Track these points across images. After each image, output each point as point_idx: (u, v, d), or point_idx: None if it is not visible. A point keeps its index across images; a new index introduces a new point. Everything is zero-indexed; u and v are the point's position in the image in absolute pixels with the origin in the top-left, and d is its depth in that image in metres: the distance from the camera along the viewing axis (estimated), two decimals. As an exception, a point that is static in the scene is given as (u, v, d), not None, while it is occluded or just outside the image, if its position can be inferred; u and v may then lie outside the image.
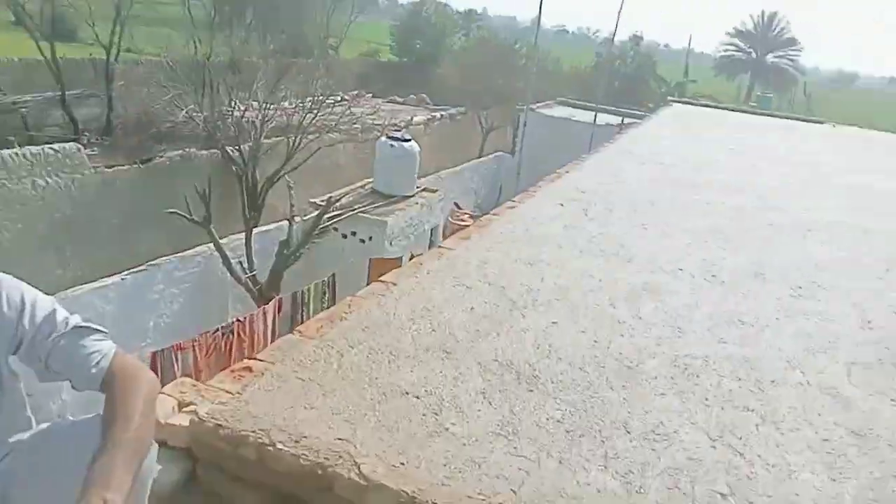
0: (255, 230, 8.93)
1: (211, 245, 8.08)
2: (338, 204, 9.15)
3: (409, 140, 10.37)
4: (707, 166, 6.42)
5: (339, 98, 12.06)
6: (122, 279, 7.29)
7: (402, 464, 1.84)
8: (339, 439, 1.95)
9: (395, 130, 11.61)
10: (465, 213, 12.52)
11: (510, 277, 3.22)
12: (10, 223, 8.88)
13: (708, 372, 2.50)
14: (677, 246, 3.95)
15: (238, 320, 7.02)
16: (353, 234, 9.23)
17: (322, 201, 8.92)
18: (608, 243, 3.84)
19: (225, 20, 17.92)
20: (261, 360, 2.41)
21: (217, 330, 6.80)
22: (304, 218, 9.20)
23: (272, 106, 10.61)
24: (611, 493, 1.77)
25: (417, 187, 10.55)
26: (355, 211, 9.26)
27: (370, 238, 9.20)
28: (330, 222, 8.88)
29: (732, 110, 12.62)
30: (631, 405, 2.21)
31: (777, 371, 2.56)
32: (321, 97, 10.86)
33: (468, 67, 21.78)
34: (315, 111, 10.59)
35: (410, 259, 8.83)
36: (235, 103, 10.75)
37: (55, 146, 9.50)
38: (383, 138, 10.39)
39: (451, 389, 2.27)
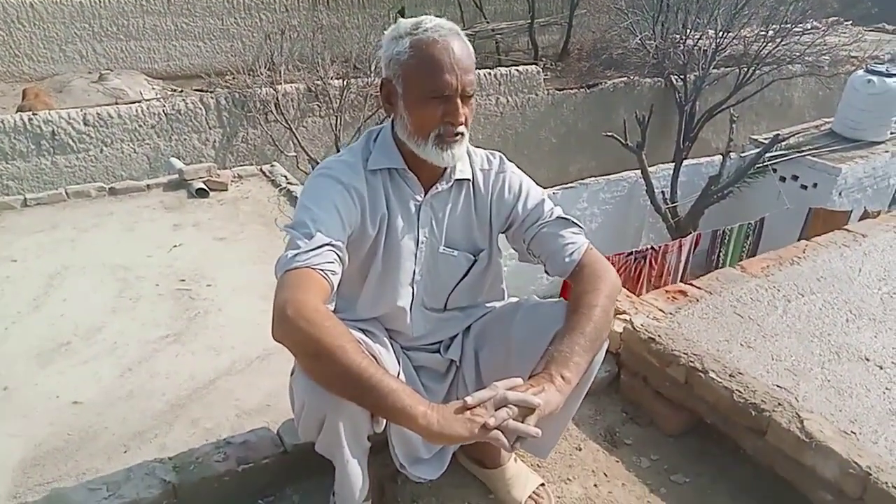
0: (684, 162, 8.64)
1: (638, 172, 8.13)
2: (783, 143, 8.14)
3: (895, 75, 8.44)
4: None
5: (809, 25, 10.48)
6: (553, 193, 7.93)
7: (854, 433, 1.58)
8: (779, 387, 1.79)
9: (878, 64, 9.57)
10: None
11: None
12: (475, 133, 10.49)
13: None
14: None
15: (653, 248, 7.01)
16: (795, 178, 8.15)
17: (765, 139, 8.04)
18: None
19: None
20: (696, 287, 2.36)
21: (630, 254, 6.92)
22: (742, 155, 8.48)
23: (729, 34, 9.83)
24: None
25: (892, 133, 8.64)
26: (804, 153, 8.10)
27: (814, 185, 8.00)
28: (770, 162, 7.99)
29: None
30: None
31: None
32: (789, 24, 9.59)
33: None
34: (779, 40, 9.43)
35: (863, 216, 7.40)
36: (690, 31, 10.30)
37: (519, 69, 10.67)
38: (860, 72, 8.68)
39: (931, 370, 1.86)
